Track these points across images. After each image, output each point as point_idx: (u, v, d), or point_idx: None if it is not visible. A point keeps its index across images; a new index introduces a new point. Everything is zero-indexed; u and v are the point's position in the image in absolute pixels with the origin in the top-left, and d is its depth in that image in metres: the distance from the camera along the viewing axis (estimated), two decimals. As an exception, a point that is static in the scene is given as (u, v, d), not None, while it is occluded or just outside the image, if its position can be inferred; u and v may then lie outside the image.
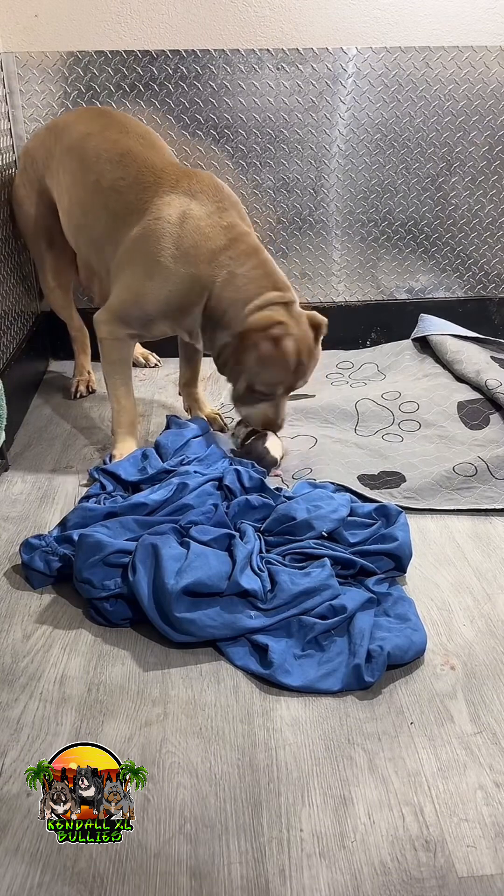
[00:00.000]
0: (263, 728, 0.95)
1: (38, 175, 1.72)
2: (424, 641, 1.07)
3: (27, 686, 1.02)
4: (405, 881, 0.78)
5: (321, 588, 1.12)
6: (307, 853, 0.80)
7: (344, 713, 0.98)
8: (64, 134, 1.65)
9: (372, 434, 1.66)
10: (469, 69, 1.93)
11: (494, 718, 0.97)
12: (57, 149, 1.66)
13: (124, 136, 1.58)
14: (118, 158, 1.53)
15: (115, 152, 1.54)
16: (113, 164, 1.53)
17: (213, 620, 1.06)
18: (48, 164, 1.69)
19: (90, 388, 1.96)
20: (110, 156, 1.54)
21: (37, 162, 1.73)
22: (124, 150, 1.54)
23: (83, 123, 1.64)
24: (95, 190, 1.55)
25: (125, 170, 1.52)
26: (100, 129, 1.60)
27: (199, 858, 0.80)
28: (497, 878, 0.78)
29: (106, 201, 1.53)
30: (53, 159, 1.67)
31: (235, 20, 1.85)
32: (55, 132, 1.69)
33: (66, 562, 1.19)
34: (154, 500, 1.28)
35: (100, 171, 1.54)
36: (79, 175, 1.58)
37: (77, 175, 1.58)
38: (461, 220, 2.11)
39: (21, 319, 1.89)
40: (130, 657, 1.07)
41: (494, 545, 1.33)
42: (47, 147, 1.69)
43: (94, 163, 1.55)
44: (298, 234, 2.08)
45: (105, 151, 1.55)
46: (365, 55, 1.89)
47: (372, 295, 2.19)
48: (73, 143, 1.61)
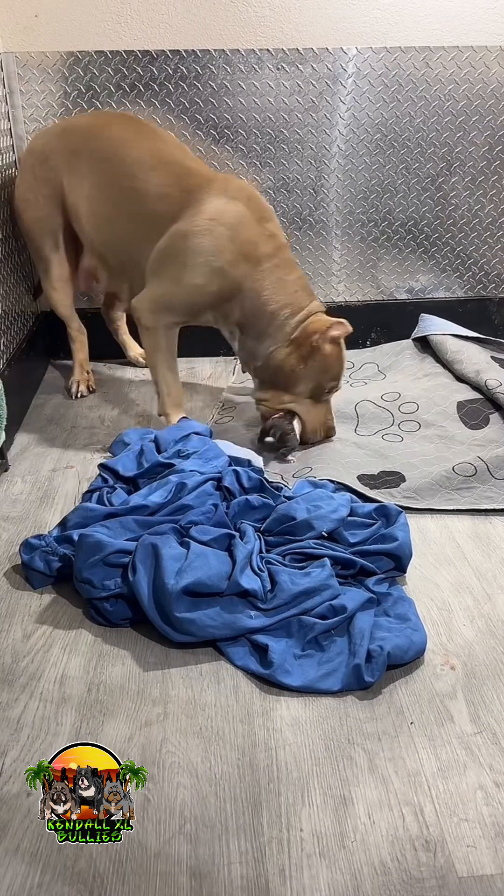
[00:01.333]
0: (263, 728, 0.95)
1: (52, 177, 1.72)
2: (424, 641, 1.07)
3: (27, 686, 1.02)
4: (405, 881, 0.78)
5: (321, 588, 1.12)
6: (307, 853, 0.80)
7: (344, 713, 0.98)
8: (91, 140, 1.66)
9: (372, 434, 1.67)
10: (469, 69, 1.93)
11: (494, 718, 0.97)
12: (83, 154, 1.66)
13: (162, 143, 1.65)
14: (162, 166, 1.60)
15: (158, 160, 1.60)
16: (157, 171, 1.59)
17: (213, 620, 1.06)
18: (70, 169, 1.69)
19: (90, 387, 1.96)
20: (153, 163, 1.60)
21: (50, 163, 1.72)
22: (167, 159, 1.61)
23: (113, 130, 1.66)
24: (138, 197, 1.60)
25: (170, 176, 1.58)
26: (136, 137, 1.64)
27: (199, 858, 0.80)
28: (497, 878, 0.78)
29: (152, 207, 1.59)
30: (78, 164, 1.67)
31: (235, 20, 1.85)
32: (76, 136, 1.69)
33: (66, 562, 1.19)
34: (154, 502, 1.28)
35: (144, 179, 1.59)
36: (118, 182, 1.62)
37: (115, 182, 1.62)
38: (461, 220, 2.11)
39: (21, 319, 1.89)
40: (130, 657, 1.07)
41: (494, 545, 1.33)
42: (68, 150, 1.69)
43: (137, 170, 1.60)
44: (298, 234, 2.08)
45: (148, 159, 1.61)
46: (365, 55, 1.89)
47: (372, 295, 2.19)
48: (108, 150, 1.64)
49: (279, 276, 1.55)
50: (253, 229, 1.54)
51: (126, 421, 1.81)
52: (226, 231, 1.52)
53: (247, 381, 2.00)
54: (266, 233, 1.56)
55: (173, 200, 1.57)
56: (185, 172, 1.59)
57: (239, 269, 1.53)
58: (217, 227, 1.52)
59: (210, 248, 1.52)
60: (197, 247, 1.52)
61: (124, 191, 1.62)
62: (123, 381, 2.04)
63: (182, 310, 1.59)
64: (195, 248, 1.52)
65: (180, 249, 1.54)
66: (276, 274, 1.55)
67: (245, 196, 1.57)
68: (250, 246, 1.53)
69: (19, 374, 1.79)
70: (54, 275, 1.83)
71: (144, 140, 1.64)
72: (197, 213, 1.54)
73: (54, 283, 1.85)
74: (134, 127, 1.68)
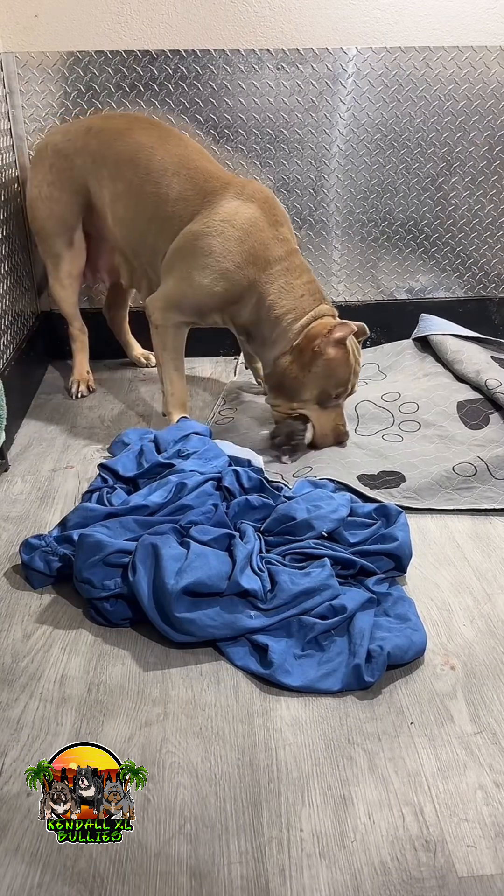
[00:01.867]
0: (263, 728, 0.96)
1: (76, 176, 1.73)
2: (424, 641, 1.07)
3: (27, 686, 1.02)
4: (405, 881, 0.78)
5: (321, 588, 1.12)
6: (307, 853, 0.80)
7: (344, 713, 0.98)
8: (117, 142, 1.67)
9: (372, 434, 1.66)
10: (469, 69, 1.93)
11: (494, 718, 0.97)
12: (108, 157, 1.68)
13: (185, 149, 1.67)
14: (185, 172, 1.62)
15: (182, 166, 1.62)
16: (180, 177, 1.62)
17: (213, 620, 1.06)
18: (96, 170, 1.70)
19: (90, 387, 1.96)
20: (177, 169, 1.62)
21: (73, 162, 1.72)
22: (190, 165, 1.63)
23: (139, 134, 1.67)
24: (160, 201, 1.62)
25: (192, 181, 1.61)
26: (159, 143, 1.66)
27: (199, 858, 0.80)
28: (497, 878, 0.78)
29: (173, 210, 1.61)
30: (103, 166, 1.68)
31: (235, 20, 1.85)
32: (101, 138, 1.69)
33: (66, 562, 1.19)
34: (154, 503, 1.28)
35: (168, 185, 1.62)
36: (143, 187, 1.64)
37: (140, 187, 1.64)
38: (461, 220, 2.11)
39: (21, 319, 1.89)
40: (130, 657, 1.07)
41: (494, 545, 1.33)
42: (91, 152, 1.70)
43: (160, 176, 1.62)
44: (298, 234, 2.08)
45: (172, 165, 1.63)
46: (365, 55, 1.89)
47: (372, 295, 2.19)
48: (134, 156, 1.65)
49: (287, 280, 1.55)
50: (264, 232, 1.54)
51: (126, 421, 1.81)
52: (236, 233, 1.53)
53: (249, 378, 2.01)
54: (279, 237, 1.56)
55: (191, 203, 1.59)
56: (205, 176, 1.61)
57: (246, 271, 1.53)
58: (228, 228, 1.53)
59: (219, 248, 1.53)
60: (206, 247, 1.54)
61: (147, 196, 1.64)
62: (123, 381, 2.04)
63: (190, 310, 1.60)
64: (204, 249, 1.54)
65: (191, 249, 1.56)
66: (284, 278, 1.55)
67: (261, 199, 1.58)
68: (260, 248, 1.53)
69: (19, 374, 1.79)
70: (63, 272, 1.83)
71: (168, 145, 1.66)
72: (210, 214, 1.55)
73: (63, 281, 1.85)
74: (157, 132, 1.69)
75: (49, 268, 1.86)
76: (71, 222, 1.78)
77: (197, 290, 1.56)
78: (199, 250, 1.54)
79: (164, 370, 1.67)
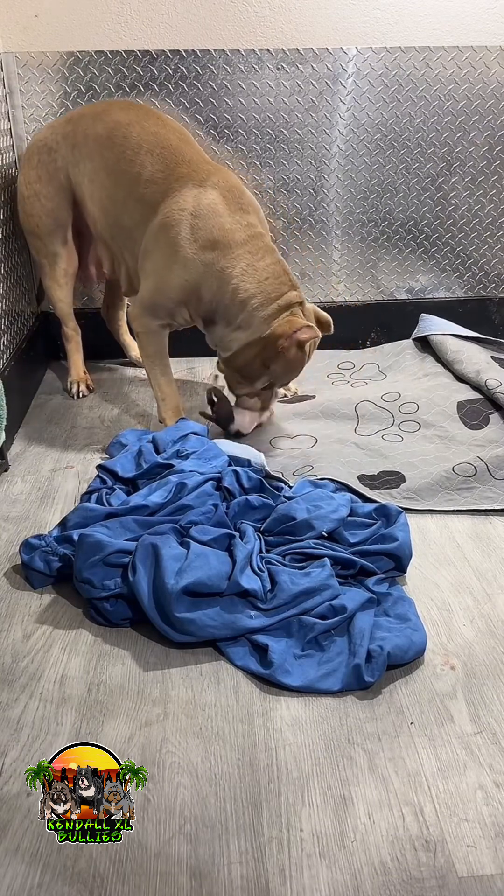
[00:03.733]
0: (263, 728, 0.95)
1: (60, 167, 1.71)
2: (424, 641, 1.07)
3: (27, 686, 1.02)
4: (405, 881, 0.78)
5: (321, 588, 1.12)
6: (307, 853, 0.80)
7: (344, 713, 0.98)
8: (95, 123, 1.66)
9: (372, 434, 1.66)
10: (469, 69, 1.93)
11: (494, 718, 0.97)
12: (89, 138, 1.66)
13: (163, 128, 1.64)
14: (159, 151, 1.59)
15: (156, 144, 1.60)
16: (154, 156, 1.59)
17: (213, 620, 1.06)
18: (75, 156, 1.69)
19: (89, 387, 1.96)
20: (151, 147, 1.60)
21: (56, 154, 1.71)
22: (164, 144, 1.60)
23: (117, 113, 1.66)
24: (134, 180, 1.60)
25: (164, 163, 1.58)
26: (138, 119, 1.64)
27: (199, 858, 0.80)
28: (497, 878, 0.78)
29: (143, 192, 1.59)
30: (82, 150, 1.67)
31: (235, 20, 1.85)
32: (80, 124, 1.69)
33: (66, 562, 1.19)
34: (154, 503, 1.28)
35: (141, 163, 1.59)
36: (117, 165, 1.62)
37: (115, 165, 1.62)
38: (461, 220, 2.11)
39: (21, 320, 1.89)
40: (130, 657, 1.07)
41: (494, 545, 1.33)
42: (73, 139, 1.69)
43: (135, 154, 1.60)
44: (298, 234, 2.08)
45: (146, 143, 1.60)
46: (365, 55, 1.89)
47: (372, 295, 2.19)
48: (111, 133, 1.63)
49: (249, 262, 1.51)
50: (223, 217, 1.52)
51: (126, 421, 1.81)
52: (191, 220, 1.51)
53: None
54: (241, 221, 1.53)
55: (159, 188, 1.57)
56: (176, 160, 1.58)
57: (204, 256, 1.51)
58: (185, 216, 1.52)
59: (175, 239, 1.52)
60: (164, 241, 1.53)
61: (122, 174, 1.62)
62: (123, 381, 2.04)
63: (161, 310, 1.59)
64: (162, 243, 1.54)
65: (152, 247, 1.56)
66: (245, 260, 1.51)
67: (224, 187, 1.55)
68: (219, 233, 1.51)
69: (19, 374, 1.79)
70: (60, 270, 1.82)
71: (146, 123, 1.64)
72: (169, 204, 1.54)
73: (59, 279, 1.83)
74: (136, 111, 1.68)
75: (45, 268, 1.84)
76: (63, 219, 1.76)
77: (162, 287, 1.56)
78: (159, 247, 1.55)
79: (151, 376, 1.68)
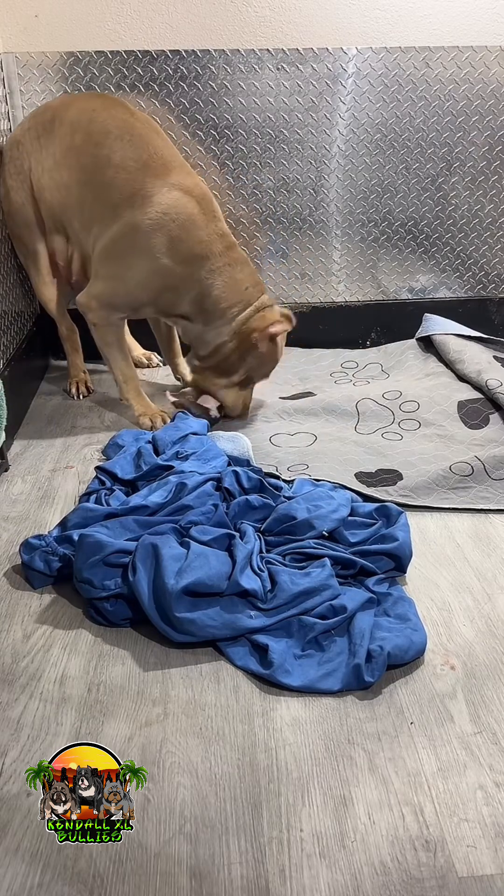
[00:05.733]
0: (263, 728, 0.95)
1: (24, 159, 1.72)
2: (424, 641, 1.07)
3: (27, 686, 1.02)
4: (405, 881, 0.78)
5: (321, 588, 1.12)
6: (307, 853, 0.80)
7: (344, 713, 0.98)
8: (62, 111, 1.67)
9: (371, 432, 1.67)
10: (469, 69, 1.93)
11: (494, 718, 0.97)
12: (54, 127, 1.67)
13: (131, 117, 1.65)
14: (129, 137, 1.60)
15: (126, 131, 1.61)
16: (123, 142, 1.60)
17: (214, 620, 1.06)
18: (36, 146, 1.69)
19: (88, 387, 1.96)
20: (120, 133, 1.61)
21: (23, 148, 1.72)
22: (134, 132, 1.61)
23: (84, 101, 1.68)
24: (101, 165, 1.60)
25: (136, 151, 1.59)
26: (105, 107, 1.65)
27: (199, 858, 0.80)
28: (497, 878, 0.78)
29: (114, 176, 1.59)
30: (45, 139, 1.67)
31: (235, 20, 1.85)
32: (45, 114, 1.70)
33: (66, 562, 1.19)
34: (154, 503, 1.28)
35: (110, 147, 1.60)
36: (83, 148, 1.62)
37: (81, 148, 1.63)
38: (461, 220, 2.11)
39: (21, 319, 1.89)
40: (130, 657, 1.07)
41: (494, 545, 1.33)
42: (37, 130, 1.70)
43: (102, 138, 1.61)
44: (298, 234, 2.08)
45: (115, 129, 1.61)
46: (365, 55, 1.89)
47: (372, 295, 2.19)
48: (77, 118, 1.64)
49: (231, 276, 1.61)
50: (202, 230, 1.58)
51: (126, 421, 1.81)
52: (176, 230, 1.56)
53: None
54: (217, 231, 1.61)
55: (131, 177, 1.58)
56: (150, 153, 1.60)
57: (184, 268, 1.58)
58: (169, 223, 1.56)
59: (158, 246, 1.56)
60: (146, 244, 1.57)
61: (87, 157, 1.62)
62: (123, 381, 2.04)
63: (125, 306, 1.65)
64: (143, 245, 1.56)
65: (130, 244, 1.58)
66: (227, 273, 1.60)
67: (199, 194, 1.60)
68: (198, 246, 1.57)
69: (19, 374, 1.79)
70: (43, 268, 1.81)
71: (112, 110, 1.65)
72: (150, 202, 1.56)
73: (45, 278, 1.82)
74: (101, 99, 1.70)
75: (30, 269, 1.83)
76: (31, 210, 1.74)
77: (131, 287, 1.60)
78: (139, 247, 1.57)
79: (113, 364, 1.73)
